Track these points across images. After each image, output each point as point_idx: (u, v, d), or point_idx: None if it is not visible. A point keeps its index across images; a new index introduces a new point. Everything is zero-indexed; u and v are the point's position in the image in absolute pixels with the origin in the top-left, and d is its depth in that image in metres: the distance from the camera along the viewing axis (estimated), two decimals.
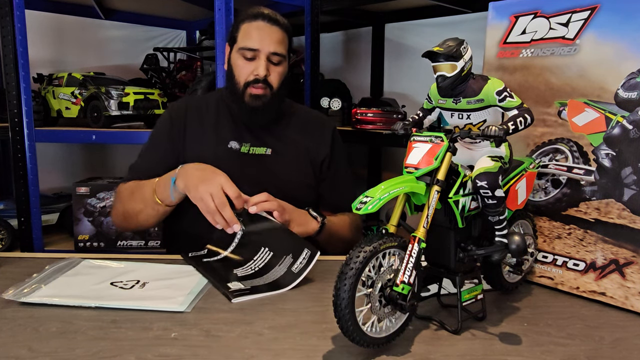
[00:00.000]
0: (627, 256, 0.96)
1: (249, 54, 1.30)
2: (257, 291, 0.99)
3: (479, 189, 0.82)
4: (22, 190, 1.97)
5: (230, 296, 0.96)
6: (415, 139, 0.82)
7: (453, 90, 0.85)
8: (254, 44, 1.29)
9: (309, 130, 1.45)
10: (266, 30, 1.30)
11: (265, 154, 1.38)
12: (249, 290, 0.99)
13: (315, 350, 0.78)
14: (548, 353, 0.79)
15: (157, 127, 1.44)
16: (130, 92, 2.01)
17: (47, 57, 2.54)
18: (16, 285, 0.97)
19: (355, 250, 0.72)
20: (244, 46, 1.30)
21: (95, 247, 2.12)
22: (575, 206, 1.02)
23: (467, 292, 0.87)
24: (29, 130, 1.95)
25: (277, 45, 1.31)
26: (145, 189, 1.30)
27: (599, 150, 0.98)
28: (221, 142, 1.37)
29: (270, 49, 1.30)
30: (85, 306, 0.91)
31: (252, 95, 1.31)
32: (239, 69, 1.32)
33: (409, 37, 2.59)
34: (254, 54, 1.30)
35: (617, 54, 0.95)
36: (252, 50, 1.29)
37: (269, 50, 1.30)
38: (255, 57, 1.30)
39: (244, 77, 1.32)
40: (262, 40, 1.29)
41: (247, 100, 1.32)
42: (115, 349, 0.77)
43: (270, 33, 1.30)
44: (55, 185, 2.54)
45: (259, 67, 1.30)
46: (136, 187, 1.34)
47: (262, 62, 1.30)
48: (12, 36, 1.88)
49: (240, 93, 1.33)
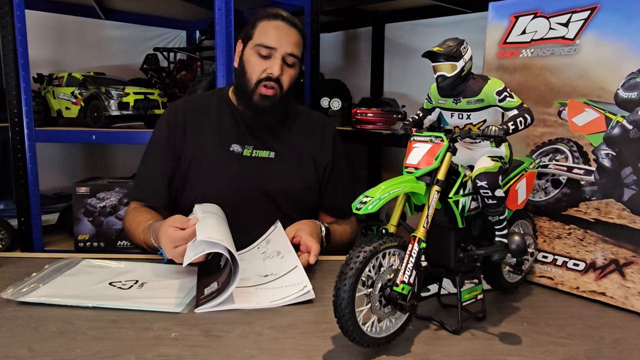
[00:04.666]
0: (627, 256, 0.96)
1: (264, 52, 1.29)
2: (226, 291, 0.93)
3: (479, 189, 0.82)
4: (22, 190, 1.97)
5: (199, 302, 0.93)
6: (415, 139, 0.82)
7: (453, 90, 0.85)
8: (271, 42, 1.29)
9: (311, 133, 1.44)
10: (284, 30, 1.30)
11: (269, 157, 1.37)
12: (216, 293, 0.94)
13: (315, 350, 0.78)
14: (548, 353, 0.79)
15: (154, 135, 1.41)
16: (130, 92, 2.00)
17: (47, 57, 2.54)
18: (15, 285, 0.97)
19: (355, 250, 0.72)
20: (261, 43, 1.29)
21: (95, 247, 2.12)
22: (575, 206, 1.02)
23: (467, 292, 0.87)
24: (29, 130, 1.95)
25: (294, 47, 1.30)
26: (137, 232, 1.27)
27: (599, 150, 0.98)
28: (223, 145, 1.36)
29: (288, 49, 1.29)
30: (83, 306, 0.91)
31: (262, 95, 1.30)
32: (252, 65, 1.31)
33: (409, 37, 2.59)
34: (270, 52, 1.29)
35: (617, 54, 0.95)
36: (268, 48, 1.29)
37: (286, 50, 1.29)
38: (270, 55, 1.29)
39: (257, 74, 1.30)
40: (280, 40, 1.29)
41: (256, 99, 1.31)
42: (115, 349, 0.77)
43: (288, 34, 1.30)
44: (55, 185, 2.53)
45: (273, 65, 1.29)
46: (133, 224, 1.30)
47: (277, 61, 1.29)
48: (12, 36, 1.88)
49: (250, 91, 1.31)
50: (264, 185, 1.35)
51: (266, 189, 1.35)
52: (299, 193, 1.39)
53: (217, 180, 1.34)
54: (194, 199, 1.33)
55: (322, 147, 1.43)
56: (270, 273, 1.07)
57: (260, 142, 1.37)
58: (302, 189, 1.40)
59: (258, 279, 1.05)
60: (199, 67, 2.41)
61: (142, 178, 1.40)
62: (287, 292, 0.97)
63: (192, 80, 2.33)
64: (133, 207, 1.38)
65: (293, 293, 0.96)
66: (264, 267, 1.10)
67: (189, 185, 1.36)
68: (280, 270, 1.06)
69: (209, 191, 1.33)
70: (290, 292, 0.97)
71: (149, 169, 1.40)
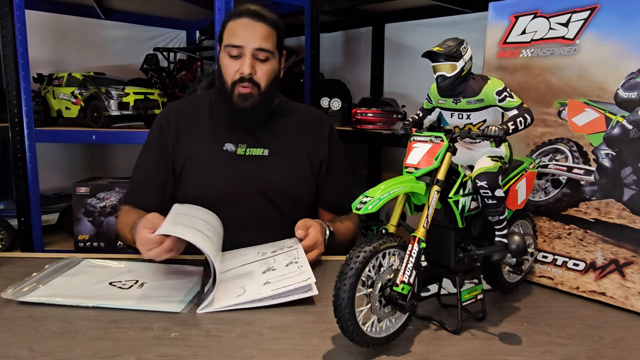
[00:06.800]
0: (627, 256, 0.96)
1: (234, 52, 1.28)
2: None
3: (479, 189, 0.82)
4: (22, 190, 1.97)
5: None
6: (415, 139, 0.82)
7: (453, 90, 0.85)
8: (237, 40, 1.27)
9: (306, 129, 1.43)
10: (251, 26, 1.28)
11: (263, 154, 1.36)
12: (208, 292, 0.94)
13: (315, 350, 0.78)
14: (548, 353, 0.79)
15: (147, 140, 1.41)
16: (130, 92, 2.01)
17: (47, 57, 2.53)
18: (15, 285, 0.97)
19: (355, 250, 0.72)
20: (228, 43, 1.28)
21: (95, 247, 2.12)
22: (575, 206, 1.02)
23: (467, 292, 0.87)
24: (29, 130, 1.95)
25: (262, 41, 1.28)
26: (126, 233, 1.28)
27: (599, 150, 0.98)
28: (216, 144, 1.36)
29: (255, 45, 1.27)
30: (83, 306, 0.91)
31: (240, 94, 1.29)
32: (226, 67, 1.31)
33: (409, 37, 2.59)
34: (238, 51, 1.28)
35: (617, 54, 0.95)
36: (236, 47, 1.28)
37: (253, 46, 1.27)
38: (240, 54, 1.28)
39: (231, 76, 1.30)
40: (246, 37, 1.27)
41: (236, 100, 1.30)
42: (115, 349, 0.77)
43: (254, 29, 1.28)
44: (55, 185, 2.53)
45: (243, 64, 1.28)
46: (122, 224, 1.32)
47: (246, 60, 1.27)
48: (12, 36, 1.88)
49: (228, 93, 1.31)
50: (259, 183, 1.34)
51: (261, 186, 1.34)
52: (295, 190, 1.38)
53: (211, 180, 1.34)
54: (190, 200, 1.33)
55: (318, 142, 1.42)
56: (273, 265, 1.06)
57: (254, 140, 1.37)
58: (298, 186, 1.39)
59: (260, 270, 1.05)
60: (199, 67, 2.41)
61: (135, 183, 1.41)
62: (289, 282, 0.96)
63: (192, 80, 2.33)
64: (125, 209, 1.39)
65: (295, 283, 0.95)
66: (268, 260, 1.10)
67: (184, 187, 1.36)
68: (283, 262, 1.06)
69: (204, 191, 1.33)
70: (293, 282, 0.95)
71: (141, 174, 1.40)
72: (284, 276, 0.99)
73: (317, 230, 1.19)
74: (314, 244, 1.17)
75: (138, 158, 1.42)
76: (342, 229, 1.37)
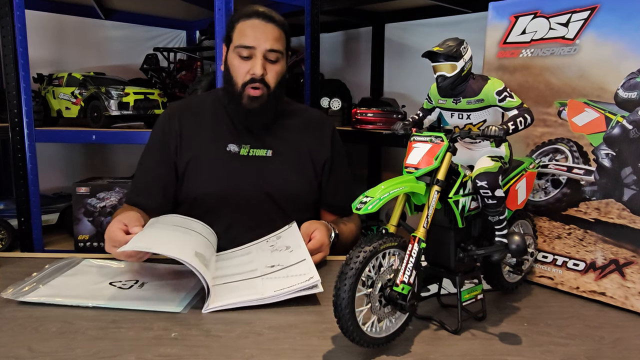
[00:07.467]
0: (627, 256, 0.96)
1: (245, 52, 1.29)
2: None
3: (479, 189, 0.82)
4: (22, 190, 1.96)
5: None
6: (415, 139, 0.82)
7: (453, 90, 0.85)
8: (249, 41, 1.28)
9: (309, 130, 1.43)
10: (261, 27, 1.29)
11: (266, 155, 1.37)
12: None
13: (315, 350, 0.78)
14: (548, 353, 0.79)
15: (149, 141, 1.42)
16: (130, 92, 2.00)
17: (47, 57, 2.53)
18: (15, 285, 0.97)
19: (355, 250, 0.72)
20: (240, 44, 1.29)
21: (95, 247, 2.12)
22: (575, 206, 1.02)
23: (467, 292, 0.87)
24: (29, 130, 1.95)
25: (274, 42, 1.29)
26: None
27: (599, 150, 0.98)
28: (219, 145, 1.36)
29: (267, 46, 1.28)
30: (83, 306, 0.91)
31: (250, 97, 1.30)
32: (236, 68, 1.31)
33: (409, 37, 2.59)
34: (250, 52, 1.29)
35: (617, 54, 0.95)
36: (248, 48, 1.28)
37: (265, 47, 1.28)
38: (251, 55, 1.29)
39: (241, 77, 1.30)
40: (258, 38, 1.28)
41: (245, 102, 1.31)
42: (115, 349, 0.77)
43: (265, 30, 1.29)
44: (55, 185, 2.53)
45: (255, 65, 1.28)
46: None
47: (258, 61, 1.28)
48: (12, 36, 1.88)
49: (237, 95, 1.31)
50: (261, 183, 1.34)
51: (264, 187, 1.35)
52: (298, 191, 1.38)
53: (214, 180, 1.34)
54: (192, 201, 1.33)
55: (321, 144, 1.43)
56: (276, 264, 1.06)
57: (257, 141, 1.37)
58: (301, 187, 1.39)
59: (264, 269, 1.05)
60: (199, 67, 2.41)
61: (137, 183, 1.41)
62: (293, 281, 0.95)
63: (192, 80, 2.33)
64: (123, 207, 1.39)
65: (299, 282, 0.93)
66: (271, 259, 1.10)
67: (187, 187, 1.36)
68: (287, 261, 1.06)
69: (207, 192, 1.33)
70: (296, 281, 0.94)
71: (143, 175, 1.40)
72: (287, 276, 0.99)
73: (323, 233, 1.19)
74: (320, 247, 1.17)
75: (140, 159, 1.42)
76: (345, 231, 1.37)
